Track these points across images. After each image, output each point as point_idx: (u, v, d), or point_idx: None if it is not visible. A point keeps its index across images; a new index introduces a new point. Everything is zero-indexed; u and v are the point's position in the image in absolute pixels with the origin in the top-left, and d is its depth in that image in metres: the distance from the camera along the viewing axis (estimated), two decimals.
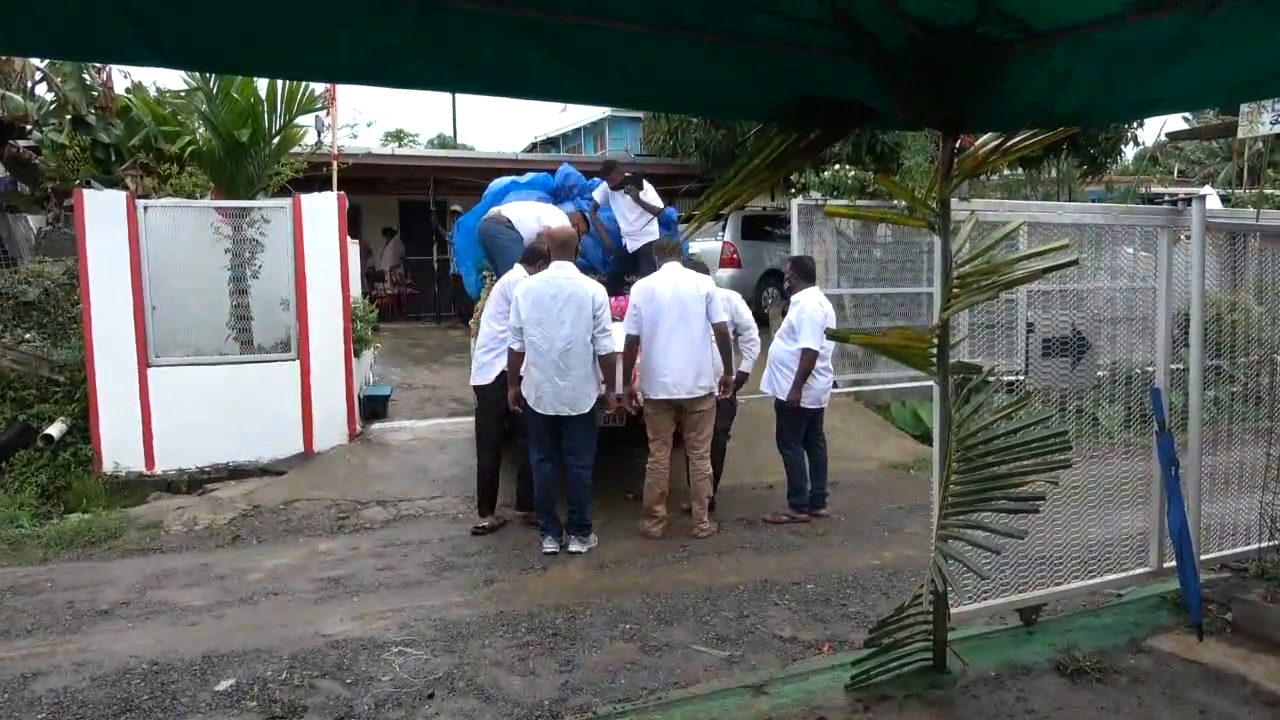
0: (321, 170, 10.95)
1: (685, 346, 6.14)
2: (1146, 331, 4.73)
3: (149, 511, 7.06)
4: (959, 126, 3.45)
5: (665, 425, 6.31)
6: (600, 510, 6.60)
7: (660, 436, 6.30)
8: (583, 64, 2.66)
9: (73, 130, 10.79)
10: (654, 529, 6.29)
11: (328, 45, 2.33)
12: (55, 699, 4.05)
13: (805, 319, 6.48)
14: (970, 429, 3.51)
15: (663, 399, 6.20)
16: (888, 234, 10.91)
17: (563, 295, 5.82)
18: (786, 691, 3.72)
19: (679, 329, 6.15)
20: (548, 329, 5.80)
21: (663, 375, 6.15)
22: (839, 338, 3.84)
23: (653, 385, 6.20)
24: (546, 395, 5.81)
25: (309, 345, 8.03)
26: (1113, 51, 2.91)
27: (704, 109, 6.62)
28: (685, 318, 6.18)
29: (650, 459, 6.32)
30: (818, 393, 6.65)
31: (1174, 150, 25.72)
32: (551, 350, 5.78)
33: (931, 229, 3.50)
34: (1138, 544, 4.66)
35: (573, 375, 5.78)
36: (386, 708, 3.94)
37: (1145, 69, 2.97)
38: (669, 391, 6.16)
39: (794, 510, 6.73)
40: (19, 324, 8.65)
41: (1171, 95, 3.41)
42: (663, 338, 6.14)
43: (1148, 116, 7.74)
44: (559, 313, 5.80)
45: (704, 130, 14.05)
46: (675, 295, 6.19)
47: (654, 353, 6.17)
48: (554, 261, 6.02)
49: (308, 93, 9.34)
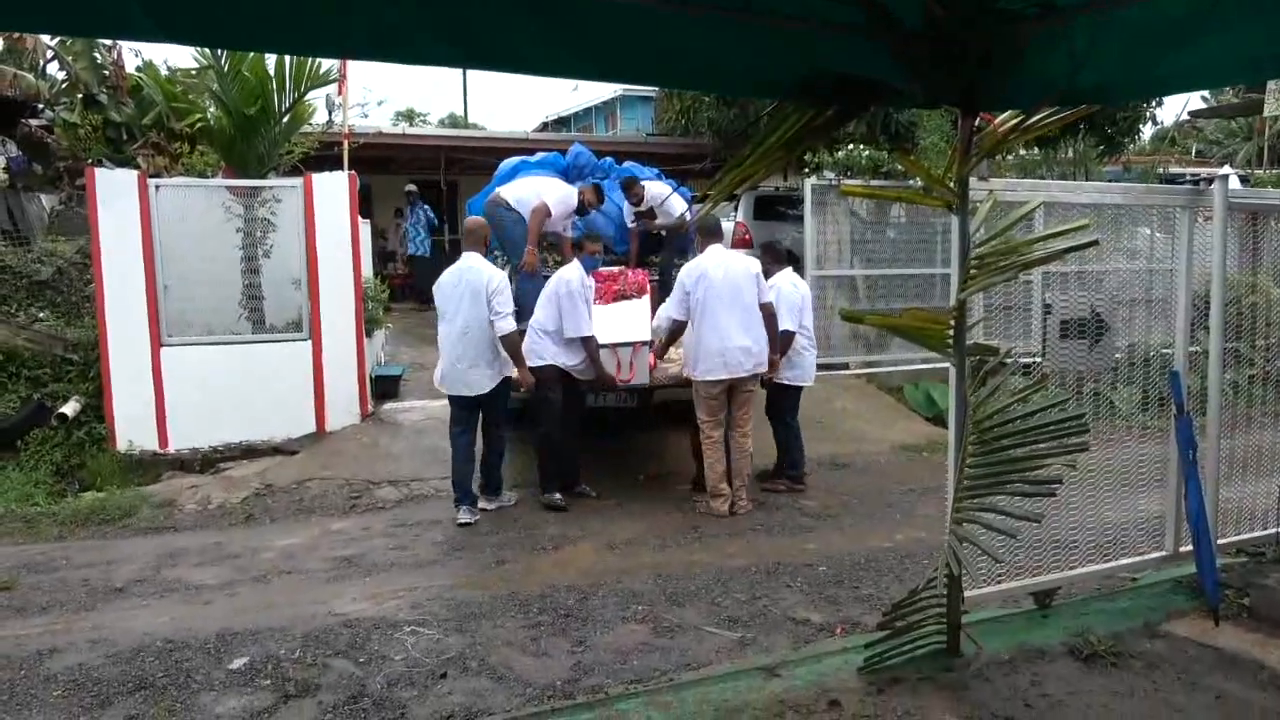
0: (332, 149, 10.93)
1: (741, 327, 6.22)
2: (1163, 314, 4.67)
3: (163, 490, 7.10)
4: (978, 104, 3.40)
5: (720, 405, 6.35)
6: (611, 492, 6.60)
7: (715, 416, 6.33)
8: (593, 40, 2.63)
9: (84, 109, 10.80)
10: (721, 506, 6.31)
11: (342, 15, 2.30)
12: (71, 676, 4.08)
13: (781, 301, 6.60)
14: (986, 411, 3.47)
15: (722, 379, 6.22)
16: (901, 215, 10.81)
17: (462, 283, 6.15)
18: (799, 673, 3.71)
19: (734, 309, 6.22)
20: (449, 316, 6.19)
21: (720, 356, 6.18)
22: (855, 319, 3.80)
23: (710, 366, 6.21)
24: (449, 377, 6.24)
25: (321, 325, 8.03)
26: (1135, 27, 2.85)
27: (718, 86, 6.56)
28: (738, 298, 6.26)
29: (706, 439, 6.35)
30: (806, 370, 6.83)
31: (1192, 130, 25.43)
32: (451, 334, 6.16)
33: (949, 208, 3.45)
34: (1153, 528, 4.62)
35: (467, 358, 6.12)
36: (399, 687, 3.95)
37: (1167, 45, 2.91)
38: (729, 371, 6.20)
39: (792, 481, 6.87)
40: (33, 303, 8.68)
41: (1193, 71, 3.35)
42: (718, 319, 6.19)
43: (1169, 93, 7.63)
44: (458, 300, 6.14)
45: (716, 109, 13.96)
46: (727, 277, 6.26)
47: (708, 334, 6.21)
48: (463, 252, 6.35)
49: (317, 68, 9.29)
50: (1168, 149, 22.88)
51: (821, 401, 8.82)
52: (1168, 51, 2.92)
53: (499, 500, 6.52)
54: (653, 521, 6.22)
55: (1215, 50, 2.90)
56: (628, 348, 6.58)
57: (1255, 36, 2.75)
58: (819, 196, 10.04)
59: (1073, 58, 2.96)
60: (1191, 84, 3.92)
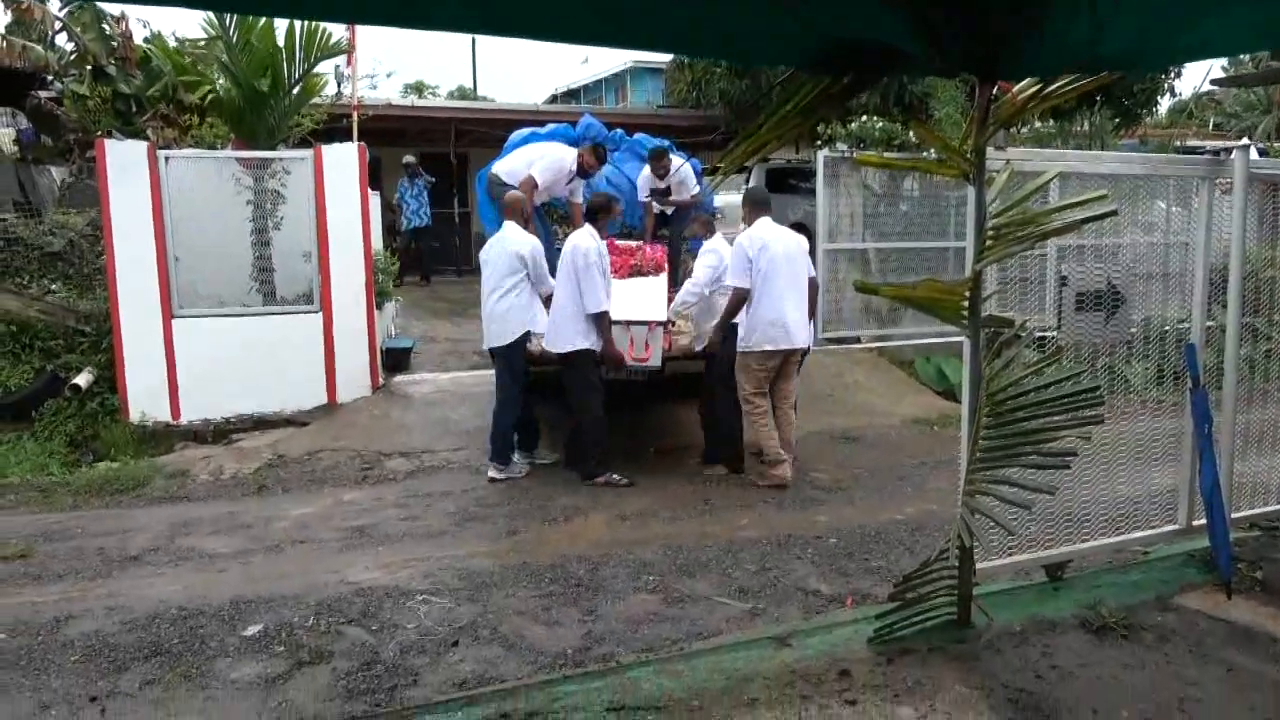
0: (342, 121, 10.87)
1: (797, 299, 6.33)
2: (1178, 288, 4.62)
3: (176, 460, 7.15)
4: (996, 72, 3.34)
5: (768, 377, 6.37)
6: (625, 464, 6.61)
7: (762, 389, 6.35)
8: (609, 5, 2.58)
9: (93, 81, 10.74)
10: (785, 472, 6.34)
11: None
12: (87, 642, 4.12)
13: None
14: (1001, 384, 3.45)
15: (781, 349, 6.27)
16: (914, 187, 10.71)
17: (499, 249, 6.45)
18: (810, 644, 3.72)
19: (791, 282, 6.29)
20: (487, 278, 6.51)
21: (779, 327, 6.23)
22: (869, 290, 3.76)
23: (768, 337, 6.23)
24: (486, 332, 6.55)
25: (331, 297, 8.03)
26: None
27: (733, 54, 6.48)
28: (795, 271, 6.34)
29: (756, 410, 6.36)
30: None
31: (1210, 103, 25.08)
32: (487, 293, 6.46)
33: (966, 178, 3.41)
34: (1166, 501, 4.60)
35: (497, 314, 6.38)
36: (411, 654, 3.98)
37: (1191, 10, 2.84)
38: (790, 342, 6.27)
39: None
40: (45, 275, 8.71)
41: (1217, 38, 3.28)
42: (779, 291, 6.22)
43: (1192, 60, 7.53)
44: (494, 263, 6.44)
45: (728, 81, 13.82)
46: (786, 250, 6.32)
47: (767, 306, 6.22)
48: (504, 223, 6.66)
49: (327, 37, 9.22)
50: (1185, 122, 22.57)
51: (833, 375, 8.81)
52: (1192, 17, 2.86)
53: (508, 471, 6.55)
54: (663, 493, 6.23)
55: (1240, 16, 2.84)
56: (642, 327, 6.44)
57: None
58: (831, 169, 9.96)
59: (1095, 24, 2.90)
60: (1215, 50, 3.85)
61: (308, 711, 3.54)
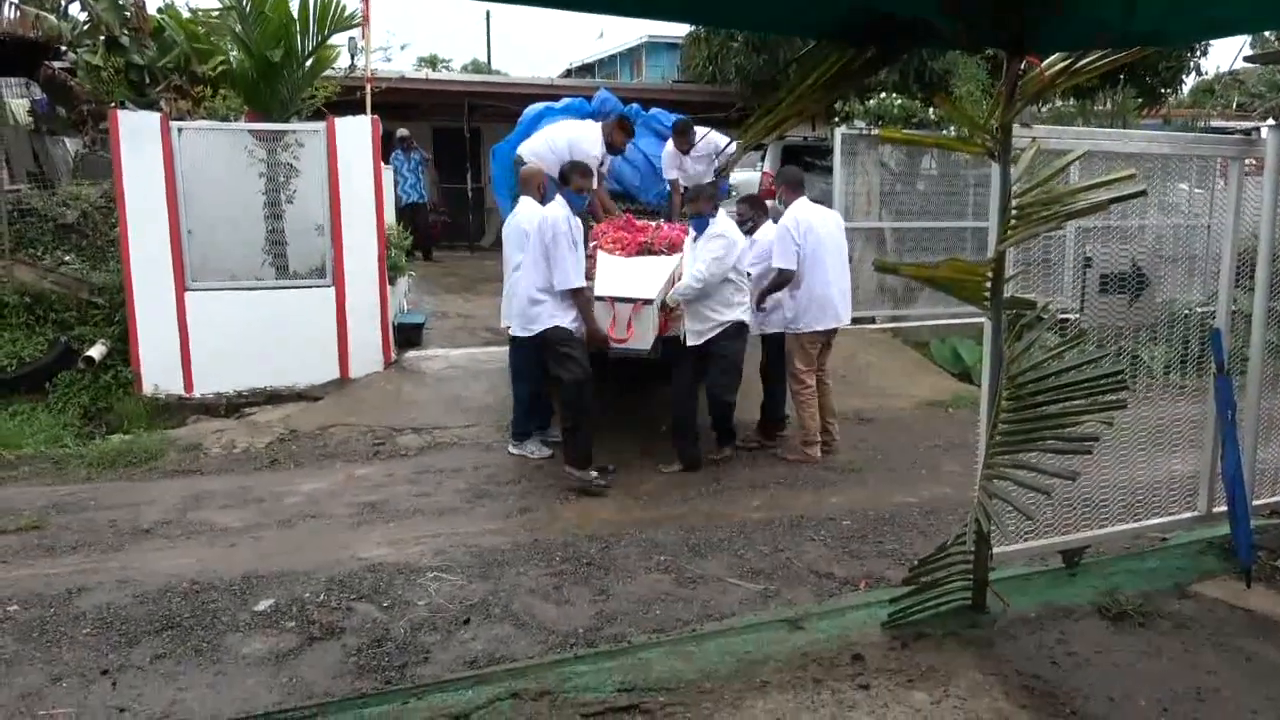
0: (355, 94, 10.79)
1: (841, 277, 6.55)
2: (1202, 271, 4.53)
3: (188, 434, 7.16)
4: (1025, 48, 3.25)
5: (817, 354, 6.55)
6: (633, 444, 6.57)
7: (813, 365, 6.52)
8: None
9: (107, 51, 10.67)
10: (818, 452, 6.53)
11: None
12: (99, 614, 4.13)
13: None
14: (1022, 366, 3.39)
15: (831, 327, 6.49)
16: (932, 166, 10.58)
17: (515, 227, 6.50)
18: (822, 627, 3.69)
19: (837, 261, 6.50)
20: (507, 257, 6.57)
21: (831, 305, 6.42)
22: (888, 269, 3.69)
23: (819, 317, 6.39)
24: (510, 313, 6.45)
25: (344, 271, 8.00)
26: None
27: (756, 24, 6.34)
28: (839, 248, 6.57)
29: (804, 389, 6.47)
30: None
31: (1234, 82, 24.64)
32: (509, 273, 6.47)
33: (991, 156, 3.33)
34: (1186, 488, 4.54)
35: (517, 295, 6.17)
36: (422, 631, 3.98)
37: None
38: (838, 319, 6.51)
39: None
40: (59, 246, 8.70)
41: (1248, 14, 3.20)
42: (828, 271, 6.38)
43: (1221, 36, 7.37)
44: (512, 244, 6.48)
45: (745, 56, 13.62)
46: (828, 229, 6.48)
47: (819, 285, 6.36)
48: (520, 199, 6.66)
49: (340, 9, 9.13)
50: (1209, 101, 22.17)
51: (847, 356, 8.72)
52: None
53: (522, 448, 6.54)
54: (675, 473, 6.19)
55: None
56: (626, 305, 5.96)
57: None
58: (849, 146, 9.84)
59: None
60: (1247, 26, 3.76)
61: (318, 688, 3.54)
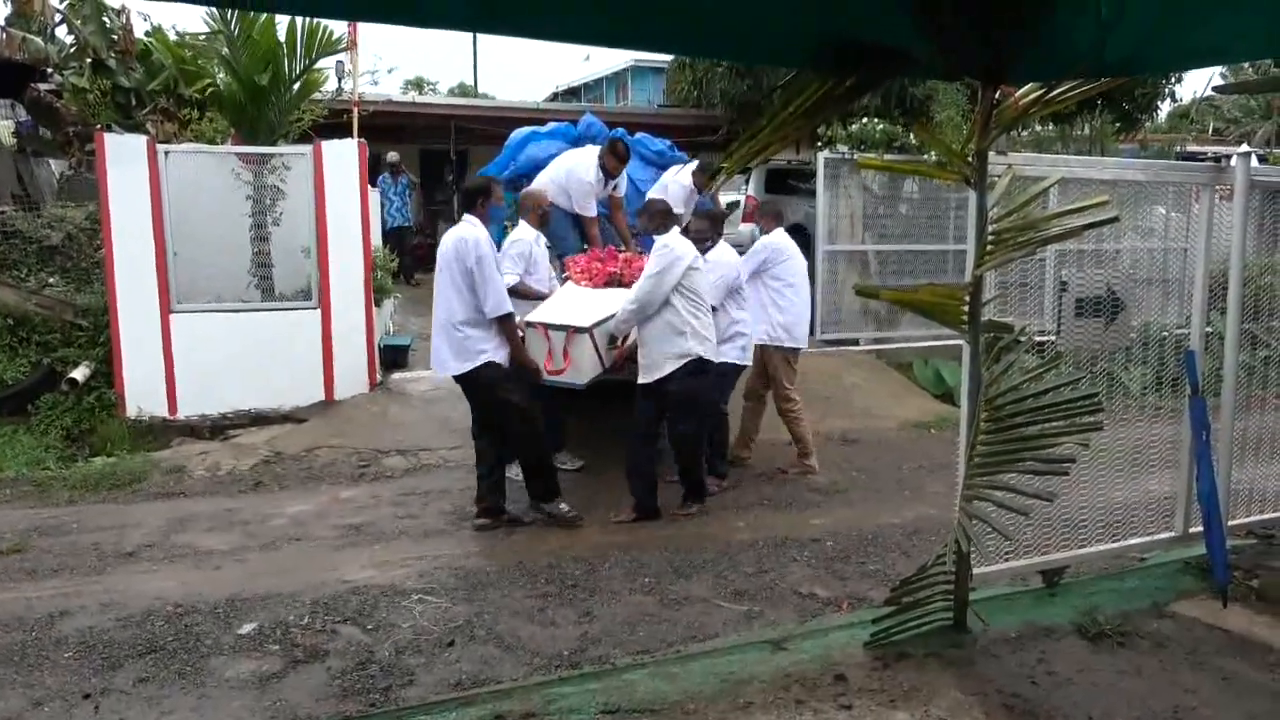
0: (342, 118, 10.85)
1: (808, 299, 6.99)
2: (1177, 294, 4.62)
3: (172, 456, 7.13)
4: (1001, 76, 3.34)
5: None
6: (618, 465, 6.55)
7: (794, 382, 6.82)
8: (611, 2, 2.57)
9: (93, 74, 10.69)
10: (815, 464, 6.82)
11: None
12: (82, 638, 4.11)
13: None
14: (1000, 389, 3.45)
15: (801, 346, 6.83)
16: (914, 190, 10.72)
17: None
18: (805, 647, 3.72)
19: (807, 285, 6.94)
20: None
21: (805, 326, 6.88)
22: (870, 294, 3.76)
23: (799, 336, 6.76)
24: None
25: (330, 293, 8.02)
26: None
27: (736, 53, 6.40)
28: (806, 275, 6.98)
29: (795, 405, 6.76)
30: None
31: (1209, 108, 25.08)
32: None
33: (967, 182, 3.41)
34: (1163, 508, 4.60)
35: None
36: (407, 654, 3.98)
37: (1197, 15, 2.84)
38: (806, 338, 6.91)
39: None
40: (43, 268, 8.66)
41: (1221, 45, 3.29)
42: (804, 294, 6.86)
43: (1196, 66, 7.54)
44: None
45: (729, 81, 13.76)
46: (800, 256, 6.88)
47: (802, 307, 6.81)
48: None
49: (328, 34, 9.21)
50: (1185, 126, 22.56)
51: (831, 377, 8.80)
52: (1197, 23, 2.86)
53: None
54: (660, 494, 6.20)
55: (1245, 23, 2.84)
56: (560, 333, 5.51)
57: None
58: (831, 170, 9.96)
59: (1101, 27, 2.90)
60: (1220, 58, 3.87)
61: (302, 711, 3.53)
